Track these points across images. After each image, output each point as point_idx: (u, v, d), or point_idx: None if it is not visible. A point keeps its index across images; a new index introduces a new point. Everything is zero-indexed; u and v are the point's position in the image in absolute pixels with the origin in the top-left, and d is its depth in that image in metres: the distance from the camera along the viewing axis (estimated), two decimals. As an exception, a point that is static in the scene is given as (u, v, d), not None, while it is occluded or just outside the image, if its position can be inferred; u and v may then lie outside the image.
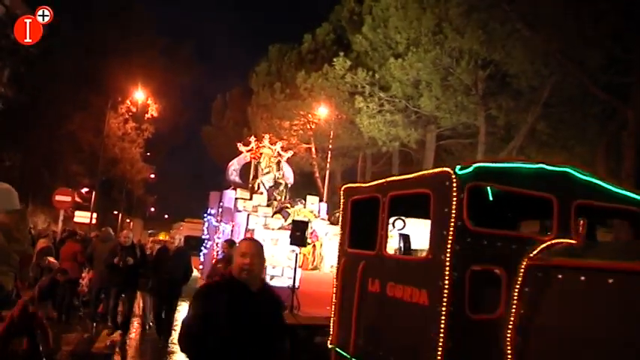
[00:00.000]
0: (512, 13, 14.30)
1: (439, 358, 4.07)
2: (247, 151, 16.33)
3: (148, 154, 37.48)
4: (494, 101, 18.03)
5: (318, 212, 16.06)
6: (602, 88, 15.39)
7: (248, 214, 13.92)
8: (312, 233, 13.28)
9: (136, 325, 10.92)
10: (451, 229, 4.18)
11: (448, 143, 21.60)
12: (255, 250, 3.31)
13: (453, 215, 4.19)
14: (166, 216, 61.37)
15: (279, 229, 13.63)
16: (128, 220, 46.46)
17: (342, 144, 24.71)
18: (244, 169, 17.50)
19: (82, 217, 26.78)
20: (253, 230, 13.26)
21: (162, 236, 38.47)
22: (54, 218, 26.14)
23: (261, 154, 16.20)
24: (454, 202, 4.21)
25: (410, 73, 16.76)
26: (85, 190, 31.74)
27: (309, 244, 12.67)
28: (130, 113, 32.60)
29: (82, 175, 31.98)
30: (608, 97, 15.38)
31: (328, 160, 25.26)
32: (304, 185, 25.81)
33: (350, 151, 26.07)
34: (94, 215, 27.24)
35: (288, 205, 15.15)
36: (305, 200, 15.83)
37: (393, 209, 5.39)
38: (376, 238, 5.32)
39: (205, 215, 17.00)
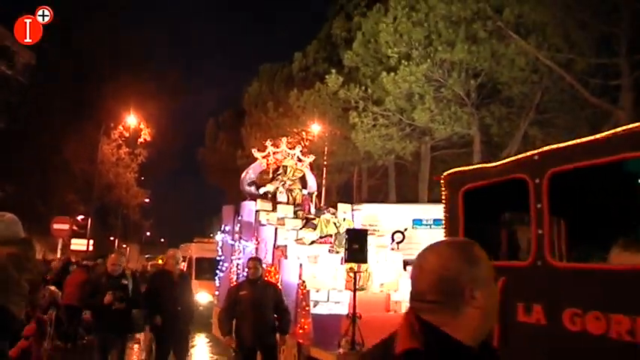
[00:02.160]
0: (500, 21, 14.48)
1: None
2: (263, 157, 13.72)
3: (143, 178, 37.44)
4: (487, 110, 18.24)
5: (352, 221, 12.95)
6: (592, 91, 15.61)
7: (275, 228, 11.19)
8: None
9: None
10: None
11: (443, 154, 21.74)
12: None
13: None
14: (162, 240, 61.14)
15: (312, 243, 11.12)
16: (125, 246, 46.24)
17: (337, 160, 24.80)
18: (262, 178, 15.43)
19: (78, 244, 26.69)
20: (285, 247, 10.64)
21: (160, 260, 38.33)
22: (50, 247, 26.03)
23: (280, 165, 13.50)
24: None
25: (402, 86, 16.90)
26: (80, 217, 31.65)
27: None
28: (123, 138, 32.63)
29: (77, 203, 31.89)
30: (598, 101, 15.58)
31: (324, 176, 25.34)
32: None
33: (345, 167, 26.15)
34: (91, 242, 27.11)
35: (312, 216, 12.39)
36: (336, 208, 12.68)
37: (559, 194, 3.63)
38: (523, 242, 4.06)
39: (219, 233, 14.73)
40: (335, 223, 11.21)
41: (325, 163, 24.46)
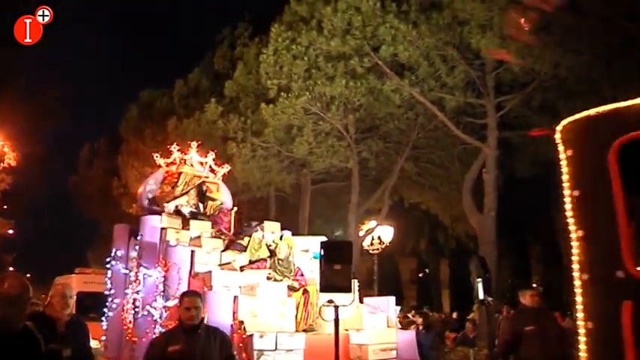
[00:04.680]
0: (377, 59, 14.83)
1: None
2: (167, 165, 10.62)
3: (6, 207, 34.40)
4: (365, 144, 18.57)
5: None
6: (462, 129, 16.38)
7: (192, 250, 8.38)
8: (297, 272, 8.43)
9: None
10: None
11: (323, 187, 21.81)
12: None
13: None
14: (28, 275, 56.50)
15: (242, 269, 8.44)
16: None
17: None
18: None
19: None
20: (208, 274, 7.82)
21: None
22: None
23: (179, 173, 10.62)
24: None
25: (281, 118, 16.80)
26: None
27: (297, 288, 8.07)
28: (-20, 162, 29.81)
29: None
30: (469, 138, 16.37)
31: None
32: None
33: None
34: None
35: (240, 236, 9.34)
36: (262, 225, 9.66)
37: None
38: None
39: (110, 260, 9.99)
40: (267, 244, 8.85)
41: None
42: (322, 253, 6.11)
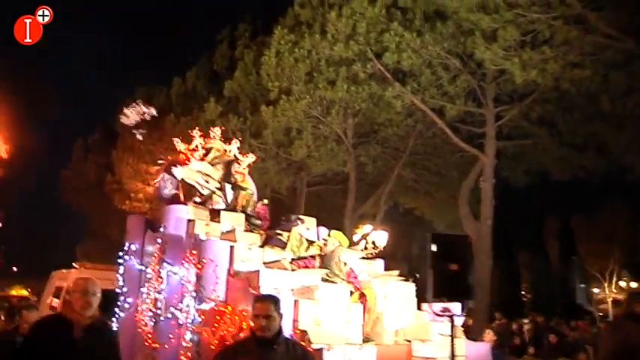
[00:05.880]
0: (380, 65, 14.90)
1: None
2: (190, 151, 9.44)
3: (-5, 199, 34.10)
4: (363, 148, 18.66)
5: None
6: (461, 137, 16.52)
7: (232, 246, 7.15)
8: (349, 273, 7.20)
9: None
10: None
11: (318, 189, 21.86)
12: None
13: None
14: (15, 269, 55.84)
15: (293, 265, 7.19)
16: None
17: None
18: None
19: None
20: (254, 274, 6.55)
21: (15, 291, 34.69)
22: None
23: (208, 149, 9.51)
24: None
25: (281, 120, 16.82)
26: None
27: (351, 292, 6.93)
28: (-29, 154, 29.51)
29: None
30: (467, 146, 16.51)
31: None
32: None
33: (220, 197, 25.48)
34: None
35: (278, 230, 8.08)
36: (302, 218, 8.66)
37: None
38: None
39: (121, 255, 8.90)
40: (308, 240, 7.77)
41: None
42: (435, 249, 4.94)
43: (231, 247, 7.07)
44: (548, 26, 11.95)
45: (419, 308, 7.34)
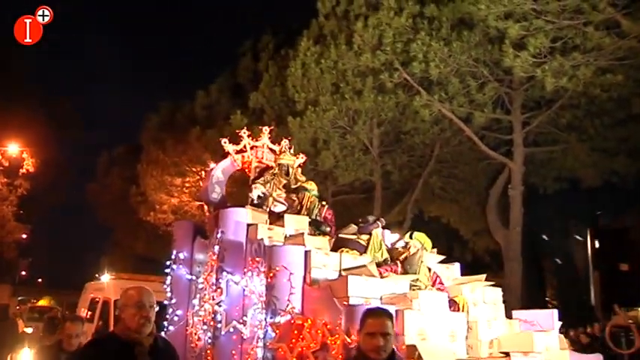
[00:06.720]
0: (407, 74, 14.91)
1: None
2: (237, 153, 9.12)
3: (22, 212, 34.54)
4: (389, 157, 18.66)
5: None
6: (488, 145, 16.46)
7: (307, 252, 6.48)
8: (434, 279, 6.63)
9: None
10: None
11: (344, 198, 21.87)
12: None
13: None
14: (40, 280, 56.54)
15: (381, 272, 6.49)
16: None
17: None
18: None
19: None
20: (342, 280, 6.04)
21: (44, 302, 34.99)
22: None
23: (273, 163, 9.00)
24: None
25: (308, 131, 16.89)
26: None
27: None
28: (1, 168, 29.96)
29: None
30: (494, 154, 16.44)
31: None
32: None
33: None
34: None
35: (351, 233, 7.35)
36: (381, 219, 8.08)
37: None
38: None
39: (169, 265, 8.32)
40: (382, 243, 7.06)
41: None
42: (598, 245, 3.96)
43: (307, 253, 6.38)
44: (579, 32, 11.89)
45: (508, 316, 6.84)
